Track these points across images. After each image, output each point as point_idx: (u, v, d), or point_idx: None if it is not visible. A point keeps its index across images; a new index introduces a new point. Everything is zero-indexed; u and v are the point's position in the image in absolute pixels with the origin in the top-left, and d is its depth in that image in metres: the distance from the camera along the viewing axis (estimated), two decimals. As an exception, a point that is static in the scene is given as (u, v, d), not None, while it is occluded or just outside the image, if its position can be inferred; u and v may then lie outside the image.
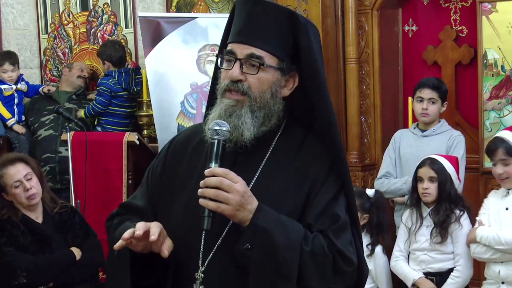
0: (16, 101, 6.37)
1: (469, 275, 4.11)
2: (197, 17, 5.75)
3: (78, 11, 6.82)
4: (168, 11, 6.30)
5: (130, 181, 5.55)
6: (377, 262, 4.25)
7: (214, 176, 1.93)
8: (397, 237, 4.30)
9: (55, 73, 6.99)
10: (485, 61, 4.93)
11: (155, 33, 5.62)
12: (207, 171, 1.94)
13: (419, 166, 4.17)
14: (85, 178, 5.21)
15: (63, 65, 6.83)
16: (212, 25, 5.66)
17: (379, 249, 4.29)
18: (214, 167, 1.95)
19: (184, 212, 2.08)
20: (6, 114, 6.27)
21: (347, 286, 2.05)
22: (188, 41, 5.64)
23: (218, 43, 2.26)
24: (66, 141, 5.30)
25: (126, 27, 6.59)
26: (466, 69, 5.33)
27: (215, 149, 1.98)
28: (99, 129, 6.25)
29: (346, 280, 2.03)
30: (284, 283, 1.94)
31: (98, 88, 6.22)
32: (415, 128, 4.73)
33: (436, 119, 4.65)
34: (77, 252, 4.03)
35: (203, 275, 2.00)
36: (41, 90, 6.49)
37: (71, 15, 6.86)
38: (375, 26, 5.43)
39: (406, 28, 5.61)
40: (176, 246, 2.04)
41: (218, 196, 1.91)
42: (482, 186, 4.92)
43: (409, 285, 4.14)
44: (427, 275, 4.11)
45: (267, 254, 1.93)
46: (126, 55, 6.43)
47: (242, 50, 2.06)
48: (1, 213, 3.95)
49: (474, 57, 5.22)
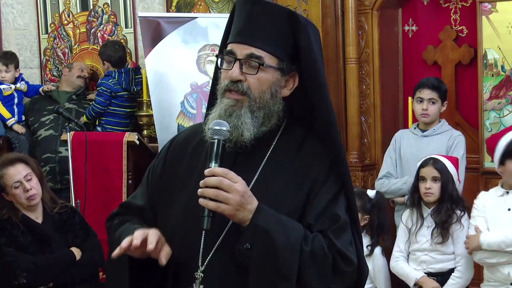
0: (16, 101, 6.36)
1: (470, 276, 4.10)
2: (197, 17, 5.75)
3: (78, 11, 6.82)
4: (168, 11, 6.30)
5: (130, 181, 5.55)
6: (375, 263, 4.24)
7: (214, 176, 1.93)
8: (397, 237, 4.28)
9: (55, 73, 6.98)
10: (485, 61, 4.93)
11: (155, 33, 5.62)
12: (207, 171, 1.94)
13: (422, 166, 4.15)
14: (85, 178, 5.21)
15: (63, 65, 6.82)
16: (212, 25, 5.65)
17: (378, 250, 4.27)
18: (214, 167, 1.95)
19: (184, 212, 2.08)
20: (6, 114, 6.26)
21: (347, 286, 2.05)
22: (188, 41, 5.64)
23: (218, 43, 2.26)
24: (66, 141, 5.29)
25: (126, 27, 6.58)
26: (466, 69, 5.33)
27: (215, 149, 1.98)
28: (99, 129, 6.24)
29: (346, 280, 2.03)
30: (284, 283, 1.94)
31: (98, 88, 6.21)
32: (415, 128, 4.73)
33: (436, 119, 4.65)
34: (77, 252, 4.03)
35: (203, 275, 2.00)
36: (41, 90, 6.48)
37: (71, 15, 6.86)
38: (375, 26, 5.43)
39: (406, 28, 5.61)
40: (176, 246, 2.04)
41: (218, 196, 1.91)
42: (482, 186, 4.91)
43: (411, 284, 4.13)
44: (427, 276, 4.10)
45: (267, 254, 1.93)
46: (126, 55, 6.43)
47: (242, 50, 2.06)
48: (1, 213, 3.95)
49: (474, 57, 5.22)
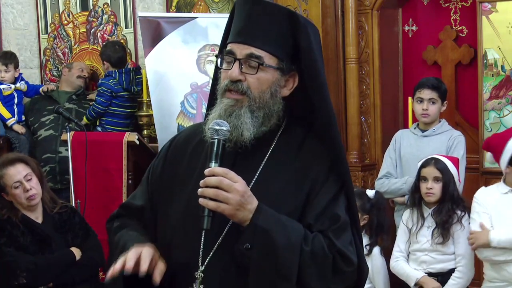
0: (16, 100, 6.36)
1: (471, 276, 4.10)
2: (197, 17, 5.75)
3: (78, 11, 6.82)
4: (168, 11, 6.30)
5: (130, 181, 5.54)
6: (374, 263, 4.24)
7: (214, 175, 1.93)
8: (397, 237, 4.28)
9: (55, 73, 6.98)
10: (485, 61, 4.93)
11: (155, 33, 5.62)
12: (207, 171, 1.94)
13: (423, 166, 4.14)
14: (85, 178, 5.21)
15: (63, 65, 6.82)
16: (212, 25, 5.65)
17: (376, 250, 4.27)
18: (214, 166, 1.95)
19: (184, 211, 2.08)
20: (6, 114, 6.26)
21: (347, 286, 2.05)
22: (188, 41, 5.64)
23: (218, 43, 2.26)
24: (66, 141, 5.29)
25: (126, 27, 6.58)
26: (466, 69, 5.33)
27: (215, 148, 1.98)
28: (99, 129, 6.23)
29: (346, 280, 2.03)
30: (284, 283, 1.94)
31: (98, 89, 6.20)
32: (415, 128, 4.73)
33: (436, 119, 4.65)
34: (77, 252, 4.03)
35: (203, 275, 2.00)
36: (41, 90, 6.48)
37: (71, 15, 6.86)
38: (375, 26, 5.43)
39: (406, 28, 5.61)
40: (176, 246, 2.05)
41: (218, 195, 1.91)
42: (482, 186, 4.90)
43: (412, 284, 4.12)
44: (428, 276, 4.09)
45: (267, 254, 1.93)
46: (127, 56, 6.42)
47: (241, 50, 2.06)
48: (1, 213, 3.95)
49: (474, 57, 5.22)
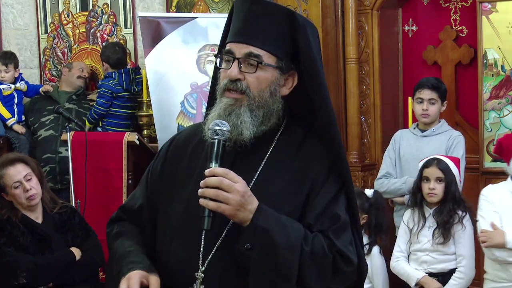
0: (16, 100, 6.36)
1: (472, 276, 4.09)
2: (197, 17, 5.75)
3: (78, 11, 6.82)
4: (168, 11, 6.30)
5: (130, 181, 5.54)
6: (373, 263, 4.24)
7: (214, 176, 1.93)
8: (398, 237, 4.27)
9: (54, 72, 6.98)
10: (485, 61, 4.92)
11: (155, 33, 5.62)
12: (207, 171, 1.94)
13: (425, 166, 4.13)
14: (85, 178, 5.20)
15: (62, 65, 6.82)
16: (212, 25, 5.65)
17: (376, 249, 4.28)
18: (214, 167, 1.95)
19: (184, 212, 2.08)
20: (6, 114, 6.26)
21: (347, 286, 2.05)
22: (188, 41, 5.64)
23: (218, 43, 2.26)
24: (66, 141, 5.29)
25: (126, 27, 6.58)
26: (466, 69, 5.33)
27: (215, 149, 1.98)
28: (100, 130, 6.24)
29: (346, 280, 2.03)
30: (284, 283, 1.94)
31: (98, 90, 6.20)
32: (415, 128, 4.73)
33: (436, 119, 4.65)
34: (77, 252, 4.03)
35: (203, 275, 2.00)
36: (41, 90, 6.48)
37: (70, 15, 6.86)
38: (375, 26, 5.43)
39: (406, 28, 5.60)
40: (176, 246, 2.05)
41: (218, 196, 1.91)
42: (482, 186, 4.89)
43: (412, 284, 4.11)
44: (429, 276, 4.08)
45: (267, 254, 1.93)
46: (126, 57, 6.41)
47: (240, 49, 2.06)
48: (1, 213, 3.95)
49: (474, 57, 5.22)
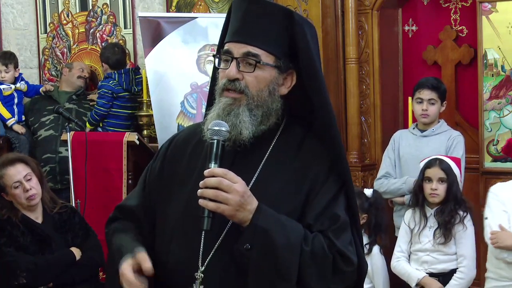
0: (16, 101, 6.35)
1: (473, 276, 4.09)
2: (197, 17, 5.75)
3: (77, 11, 6.82)
4: (168, 11, 6.30)
5: (130, 181, 5.54)
6: (374, 262, 4.24)
7: (213, 176, 1.93)
8: (398, 237, 4.27)
9: (53, 72, 6.98)
10: (485, 61, 4.92)
11: (155, 33, 5.62)
12: (206, 172, 1.94)
13: (427, 166, 4.12)
14: (85, 178, 5.21)
15: (61, 65, 6.82)
16: (212, 25, 5.65)
17: (376, 249, 4.28)
18: (213, 167, 1.95)
19: (183, 212, 2.08)
20: (6, 114, 6.26)
21: (347, 286, 2.04)
22: (188, 41, 5.64)
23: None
24: (66, 141, 5.29)
25: (125, 27, 6.58)
26: (466, 69, 5.33)
27: (214, 149, 1.97)
28: (100, 130, 6.23)
29: (346, 280, 2.03)
30: (283, 283, 1.94)
31: (99, 91, 6.20)
32: (414, 128, 4.73)
33: (436, 119, 4.65)
34: (77, 252, 4.03)
35: (203, 275, 2.00)
36: (41, 90, 6.48)
37: (70, 15, 6.86)
38: (375, 26, 5.43)
39: (406, 28, 5.60)
40: (176, 246, 2.05)
41: (218, 196, 1.91)
42: (482, 186, 4.91)
43: (413, 285, 4.11)
44: (429, 276, 4.08)
45: (266, 254, 1.93)
46: (126, 58, 6.41)
47: (238, 49, 2.06)
48: (1, 213, 3.95)
49: (474, 57, 5.22)
